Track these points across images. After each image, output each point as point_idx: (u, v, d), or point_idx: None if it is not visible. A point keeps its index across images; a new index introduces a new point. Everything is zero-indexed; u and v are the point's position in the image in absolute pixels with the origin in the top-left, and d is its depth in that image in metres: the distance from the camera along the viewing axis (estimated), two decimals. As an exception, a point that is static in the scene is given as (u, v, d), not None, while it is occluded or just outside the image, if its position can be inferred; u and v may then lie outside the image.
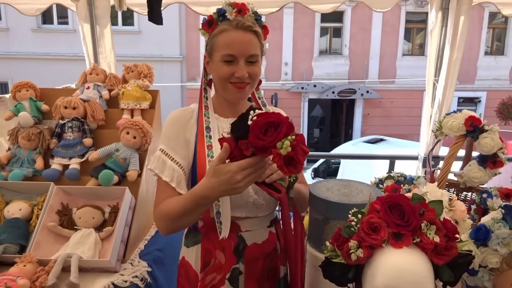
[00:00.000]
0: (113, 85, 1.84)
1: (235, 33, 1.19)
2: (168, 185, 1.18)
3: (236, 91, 1.23)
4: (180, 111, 1.29)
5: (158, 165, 1.20)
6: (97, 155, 1.58)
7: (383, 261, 0.87)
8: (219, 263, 1.26)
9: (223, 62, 1.20)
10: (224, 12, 1.21)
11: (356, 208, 0.98)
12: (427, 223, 0.88)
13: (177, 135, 1.23)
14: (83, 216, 1.44)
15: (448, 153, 1.27)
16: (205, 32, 1.24)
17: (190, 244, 1.30)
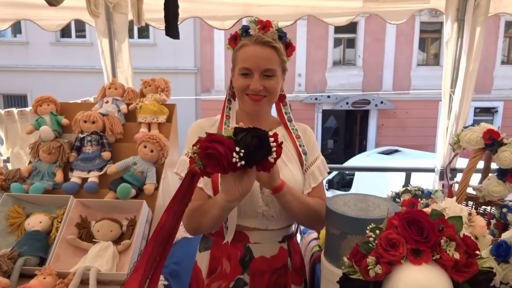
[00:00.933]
0: (131, 99, 1.88)
1: (253, 47, 1.24)
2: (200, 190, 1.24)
3: (252, 103, 1.27)
4: (204, 120, 1.37)
5: (184, 168, 1.24)
6: (115, 168, 1.60)
7: (402, 278, 0.86)
8: (225, 271, 1.28)
9: (240, 75, 1.25)
10: (248, 29, 1.27)
11: (373, 223, 0.97)
12: (447, 239, 0.87)
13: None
14: (101, 229, 1.46)
15: (466, 167, 1.25)
16: (230, 46, 1.31)
17: (202, 249, 1.35)
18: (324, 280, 1.26)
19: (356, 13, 2.69)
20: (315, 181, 1.35)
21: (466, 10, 2.47)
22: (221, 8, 2.72)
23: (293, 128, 1.41)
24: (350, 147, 15.46)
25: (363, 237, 0.96)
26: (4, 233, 1.49)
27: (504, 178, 1.36)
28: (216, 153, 0.94)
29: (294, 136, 1.39)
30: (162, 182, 1.65)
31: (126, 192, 1.51)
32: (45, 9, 2.69)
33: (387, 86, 13.32)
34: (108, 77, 2.83)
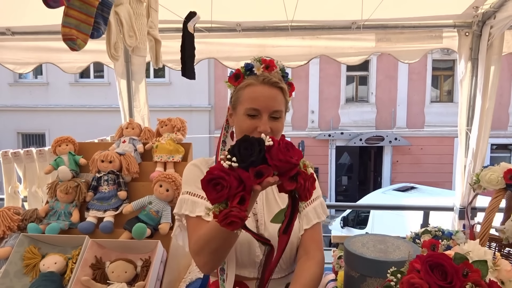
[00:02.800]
0: (147, 139, 1.91)
1: (261, 87, 1.20)
2: (201, 220, 1.16)
3: None
4: (200, 159, 1.31)
5: (188, 206, 1.19)
6: (131, 208, 1.61)
7: (427, 325, 0.82)
8: None
9: (246, 116, 1.20)
10: (251, 67, 1.22)
11: (394, 266, 0.95)
12: (472, 285, 0.83)
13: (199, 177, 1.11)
14: (115, 270, 1.44)
15: (488, 208, 1.22)
16: (231, 85, 1.26)
17: None
18: (344, 325, 1.21)
19: (369, 53, 2.73)
20: (308, 223, 1.26)
21: (479, 49, 2.49)
22: (236, 49, 2.80)
23: None
24: (364, 184, 15.28)
25: (383, 280, 0.93)
26: (19, 274, 1.49)
27: (528, 219, 1.32)
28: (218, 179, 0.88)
29: None
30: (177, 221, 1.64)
31: (141, 232, 1.50)
32: (66, 53, 2.80)
33: (400, 123, 13.30)
34: (125, 116, 2.89)
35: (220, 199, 0.88)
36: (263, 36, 2.74)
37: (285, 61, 2.71)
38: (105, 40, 2.04)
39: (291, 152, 0.93)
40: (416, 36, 2.67)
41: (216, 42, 2.80)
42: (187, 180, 1.25)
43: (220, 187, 0.88)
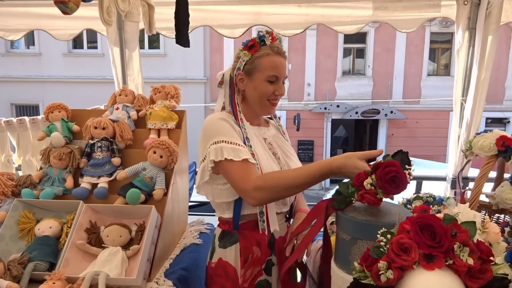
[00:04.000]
0: (141, 106, 1.89)
1: (277, 58, 1.42)
2: (248, 162, 1.32)
3: (271, 107, 1.48)
4: (223, 113, 1.46)
5: (229, 152, 1.31)
6: (125, 174, 1.61)
7: (415, 283, 0.84)
8: (256, 257, 1.43)
9: (267, 82, 1.41)
10: (264, 38, 1.42)
11: (384, 228, 0.96)
12: (460, 244, 0.85)
13: (232, 130, 1.38)
14: (110, 234, 1.46)
15: (479, 174, 1.23)
16: (247, 53, 1.42)
17: (227, 245, 1.46)
18: (334, 285, 1.24)
19: (366, 21, 2.69)
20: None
21: (477, 19, 2.46)
22: (231, 17, 2.75)
23: (279, 124, 1.66)
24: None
25: (374, 243, 0.94)
26: (14, 238, 1.50)
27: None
28: (399, 175, 1.06)
29: (281, 131, 1.63)
30: (171, 188, 1.64)
31: (135, 197, 1.51)
32: (58, 19, 2.75)
33: (397, 96, 13.28)
34: (118, 85, 2.86)
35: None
36: (258, 3, 2.69)
37: (281, 29, 2.67)
38: (98, 4, 2.01)
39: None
40: (414, 4, 2.63)
41: (210, 9, 2.75)
42: (220, 131, 1.36)
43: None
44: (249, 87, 1.44)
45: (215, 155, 1.33)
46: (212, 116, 1.43)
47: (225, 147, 1.32)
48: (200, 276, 1.70)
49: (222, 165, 1.34)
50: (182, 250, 1.71)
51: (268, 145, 1.50)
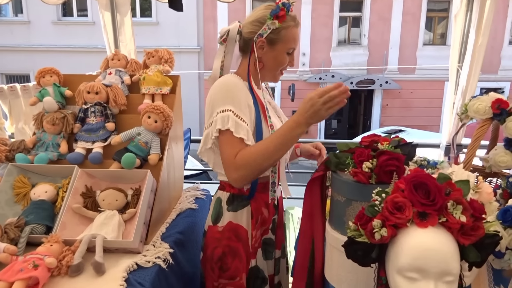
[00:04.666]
0: (134, 71, 1.86)
1: (296, 29, 1.47)
2: (242, 141, 1.32)
3: (279, 76, 1.54)
4: (237, 79, 1.44)
5: (232, 124, 1.32)
6: (120, 139, 1.60)
7: (408, 241, 0.86)
8: (265, 217, 1.53)
9: (286, 53, 1.46)
10: (289, 8, 1.42)
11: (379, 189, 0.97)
12: (454, 202, 0.86)
13: (243, 100, 1.37)
14: (106, 198, 1.47)
15: (473, 136, 1.24)
16: (277, 22, 1.41)
17: (238, 208, 1.49)
18: (329, 247, 1.27)
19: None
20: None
21: (475, -17, 2.41)
22: (225, -19, 2.68)
23: (267, 87, 1.68)
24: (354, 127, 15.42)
25: (368, 203, 0.96)
26: (10, 203, 1.50)
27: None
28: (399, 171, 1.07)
29: (270, 93, 1.67)
30: (167, 153, 1.64)
31: (130, 162, 1.51)
32: (47, -18, 2.65)
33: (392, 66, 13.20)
34: (110, 51, 2.80)
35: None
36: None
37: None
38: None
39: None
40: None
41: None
42: (230, 98, 1.35)
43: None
44: (268, 56, 1.45)
45: (221, 124, 1.33)
46: (225, 80, 1.41)
47: (231, 118, 1.32)
48: (196, 240, 1.72)
49: (221, 135, 1.36)
50: (178, 215, 1.72)
51: (272, 109, 1.55)
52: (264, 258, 1.56)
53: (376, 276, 0.97)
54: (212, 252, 1.50)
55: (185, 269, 1.54)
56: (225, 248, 1.47)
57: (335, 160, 1.20)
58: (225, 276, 1.48)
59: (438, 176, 0.91)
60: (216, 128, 1.34)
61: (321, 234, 1.34)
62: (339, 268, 1.21)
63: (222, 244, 1.48)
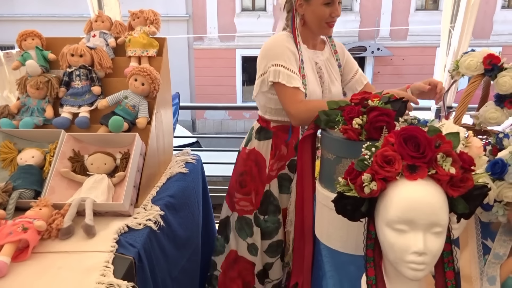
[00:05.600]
0: (119, 33, 1.80)
1: None
2: (298, 90, 1.53)
3: (328, 29, 1.63)
4: (284, 36, 1.61)
5: (284, 77, 1.53)
6: (106, 102, 1.57)
7: (397, 193, 0.86)
8: (283, 154, 1.73)
9: (324, 5, 1.56)
10: None
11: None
12: (443, 155, 0.86)
13: (291, 54, 1.57)
14: (95, 162, 1.45)
15: (464, 92, 1.23)
16: None
17: (262, 139, 1.75)
18: (319, 205, 1.27)
19: None
20: (360, 85, 1.85)
21: None
22: None
23: (332, 44, 1.78)
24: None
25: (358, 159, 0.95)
26: (-4, 169, 1.48)
27: (502, 104, 1.33)
28: (389, 126, 1.05)
29: (333, 51, 1.77)
30: (155, 116, 1.61)
31: (118, 125, 1.48)
32: None
33: (384, 32, 13.04)
34: (95, 16, 2.71)
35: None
36: None
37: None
38: None
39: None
40: None
41: None
42: (279, 54, 1.55)
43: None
44: (308, 12, 1.59)
45: (273, 77, 1.54)
46: (276, 37, 1.61)
47: (282, 72, 1.53)
48: (187, 203, 1.73)
49: (276, 86, 1.57)
50: (168, 179, 1.72)
51: (317, 69, 1.70)
52: (280, 191, 1.77)
53: (365, 230, 0.97)
54: (238, 168, 1.83)
55: (177, 232, 1.55)
56: (247, 168, 1.77)
57: (325, 118, 1.18)
58: (241, 192, 1.80)
59: (428, 129, 0.90)
60: (269, 80, 1.56)
61: (310, 194, 1.35)
62: (329, 226, 1.22)
63: (246, 164, 1.78)
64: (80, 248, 1.20)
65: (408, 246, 0.84)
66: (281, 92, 1.56)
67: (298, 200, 1.41)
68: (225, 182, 3.79)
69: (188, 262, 1.63)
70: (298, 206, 1.41)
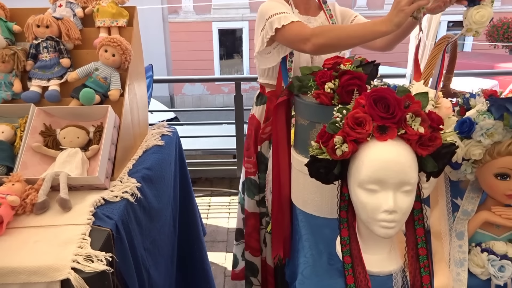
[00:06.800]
0: (86, 2, 1.74)
1: None
2: (299, 22, 1.49)
3: None
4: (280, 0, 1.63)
5: (280, 20, 1.49)
6: (76, 75, 1.53)
7: (368, 154, 0.87)
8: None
9: None
10: None
11: (341, 106, 0.97)
12: (412, 114, 0.87)
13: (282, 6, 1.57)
14: (67, 136, 1.42)
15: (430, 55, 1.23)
16: None
17: (259, 104, 1.82)
18: (295, 171, 1.29)
19: None
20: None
21: None
22: None
23: (327, 9, 1.74)
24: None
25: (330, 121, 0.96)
26: (-35, 146, 1.44)
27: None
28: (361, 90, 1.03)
29: (328, 16, 1.73)
30: (128, 88, 1.58)
31: (89, 97, 1.45)
32: None
33: (361, 2, 12.98)
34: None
35: None
36: None
37: None
38: None
39: None
40: None
41: None
42: (271, 8, 1.54)
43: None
44: None
45: (270, 29, 1.51)
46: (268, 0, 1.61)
47: (276, 18, 1.50)
48: (163, 175, 1.72)
49: (278, 35, 1.51)
50: (144, 152, 1.70)
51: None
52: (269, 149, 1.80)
53: (339, 193, 0.99)
54: (246, 133, 1.93)
55: (152, 203, 1.54)
56: (249, 132, 1.87)
57: (298, 84, 1.18)
58: (246, 154, 1.88)
59: (397, 89, 0.92)
60: (274, 28, 1.50)
61: (286, 162, 1.36)
62: (304, 191, 1.24)
63: (249, 128, 1.87)
64: (56, 222, 1.19)
65: (379, 205, 0.87)
66: (284, 35, 1.51)
67: (274, 168, 1.42)
68: (204, 156, 3.82)
69: (159, 234, 1.63)
70: (274, 175, 1.42)
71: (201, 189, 3.50)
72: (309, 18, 1.69)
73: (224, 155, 3.69)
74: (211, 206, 3.33)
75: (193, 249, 2.10)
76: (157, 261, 1.62)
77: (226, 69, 13.70)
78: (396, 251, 1.00)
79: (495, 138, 0.94)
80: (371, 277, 0.93)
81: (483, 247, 0.97)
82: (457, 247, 0.97)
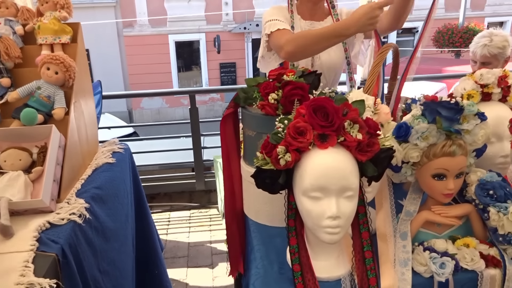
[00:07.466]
0: (27, 19, 1.68)
1: None
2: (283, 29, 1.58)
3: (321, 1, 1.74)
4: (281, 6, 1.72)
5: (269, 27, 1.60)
6: (17, 94, 1.47)
7: (310, 162, 0.89)
8: None
9: None
10: None
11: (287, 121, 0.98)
12: (350, 122, 0.90)
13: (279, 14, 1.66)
14: (8, 158, 1.36)
15: (374, 62, 1.28)
16: None
17: None
18: (245, 183, 1.29)
19: None
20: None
21: None
22: None
23: (335, 14, 1.76)
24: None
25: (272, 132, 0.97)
26: None
27: None
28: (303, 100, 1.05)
29: (335, 20, 1.74)
30: (74, 106, 1.54)
31: (31, 117, 1.39)
32: None
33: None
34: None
35: None
36: None
37: None
38: None
39: None
40: None
41: None
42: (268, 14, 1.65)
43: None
44: None
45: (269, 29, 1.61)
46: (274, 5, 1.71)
47: (268, 25, 1.61)
48: (116, 194, 1.68)
49: (269, 41, 1.65)
50: (94, 170, 1.66)
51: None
52: None
53: (286, 202, 1.00)
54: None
55: (106, 223, 1.50)
56: None
57: (243, 95, 1.19)
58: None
59: (335, 98, 0.94)
60: (265, 33, 1.63)
61: (238, 173, 1.36)
62: (256, 201, 1.24)
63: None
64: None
65: (323, 212, 0.89)
66: (271, 41, 1.62)
67: (226, 182, 1.41)
68: (162, 171, 3.75)
69: (118, 254, 1.59)
70: (227, 188, 1.41)
71: (160, 204, 3.44)
72: (313, 23, 1.74)
73: (182, 168, 3.65)
74: (170, 222, 3.28)
75: (151, 267, 2.06)
76: (118, 282, 1.57)
77: (185, 81, 13.63)
78: (344, 256, 1.02)
79: (430, 140, 0.99)
80: (321, 283, 0.94)
81: (425, 245, 1.00)
82: (401, 247, 1.00)
